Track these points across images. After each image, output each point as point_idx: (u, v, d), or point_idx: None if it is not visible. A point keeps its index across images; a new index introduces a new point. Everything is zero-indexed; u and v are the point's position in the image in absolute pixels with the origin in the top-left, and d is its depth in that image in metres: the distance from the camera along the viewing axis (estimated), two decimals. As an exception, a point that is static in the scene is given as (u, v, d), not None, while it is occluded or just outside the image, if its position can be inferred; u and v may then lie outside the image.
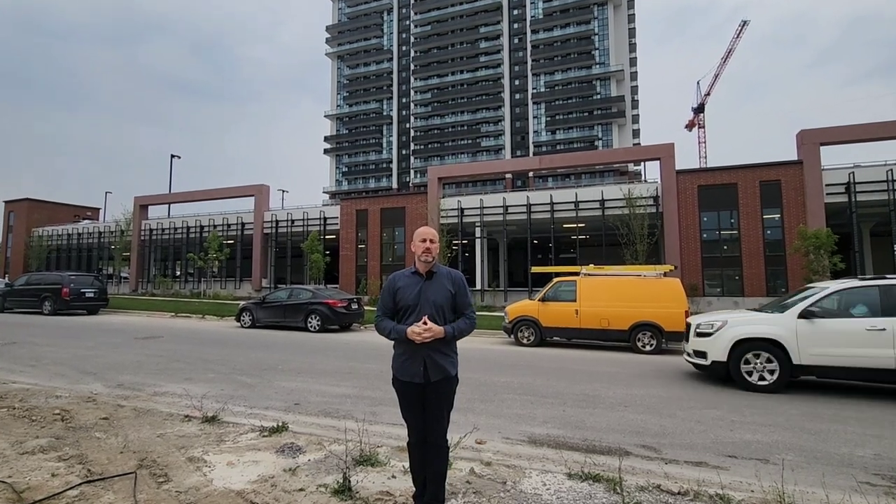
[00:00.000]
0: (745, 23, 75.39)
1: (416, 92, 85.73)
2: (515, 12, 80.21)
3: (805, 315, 7.28)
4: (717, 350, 7.72)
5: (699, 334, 8.15)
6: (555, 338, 13.12)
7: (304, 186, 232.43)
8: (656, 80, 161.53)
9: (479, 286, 30.65)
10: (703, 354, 8.00)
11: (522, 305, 13.39)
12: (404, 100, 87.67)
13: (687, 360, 8.52)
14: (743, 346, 7.53)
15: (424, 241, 3.09)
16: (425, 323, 2.90)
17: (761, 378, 7.39)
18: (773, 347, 7.32)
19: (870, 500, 3.43)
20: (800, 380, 7.63)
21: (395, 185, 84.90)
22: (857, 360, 6.96)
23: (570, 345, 13.10)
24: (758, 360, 7.41)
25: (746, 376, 7.46)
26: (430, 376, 2.96)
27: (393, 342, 3.11)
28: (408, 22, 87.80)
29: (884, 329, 6.85)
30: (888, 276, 7.42)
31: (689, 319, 8.98)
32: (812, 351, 7.17)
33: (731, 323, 7.84)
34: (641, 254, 24.38)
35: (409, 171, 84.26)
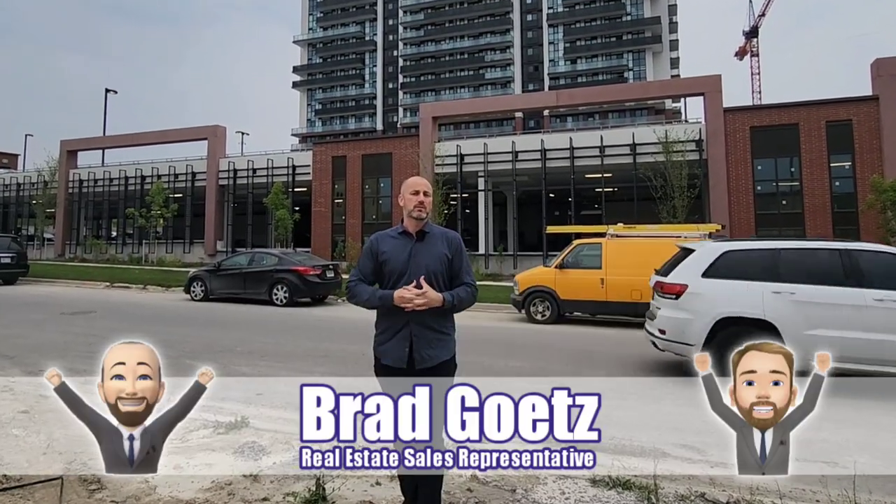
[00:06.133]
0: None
1: (405, 12, 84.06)
2: None
3: None
4: None
5: None
6: (575, 313, 13.20)
7: (270, 128, 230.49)
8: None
9: (482, 249, 30.67)
10: None
11: (536, 274, 13.42)
12: (391, 22, 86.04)
13: None
14: None
15: (417, 192, 3.03)
16: (419, 286, 2.83)
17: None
18: None
19: (961, 512, 3.42)
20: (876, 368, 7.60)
21: (379, 127, 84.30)
22: None
23: (594, 321, 13.18)
24: None
25: None
26: (415, 362, 2.94)
27: (376, 319, 3.07)
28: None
29: None
30: None
31: None
32: None
33: None
34: (681, 210, 24.34)
35: (398, 108, 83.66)
